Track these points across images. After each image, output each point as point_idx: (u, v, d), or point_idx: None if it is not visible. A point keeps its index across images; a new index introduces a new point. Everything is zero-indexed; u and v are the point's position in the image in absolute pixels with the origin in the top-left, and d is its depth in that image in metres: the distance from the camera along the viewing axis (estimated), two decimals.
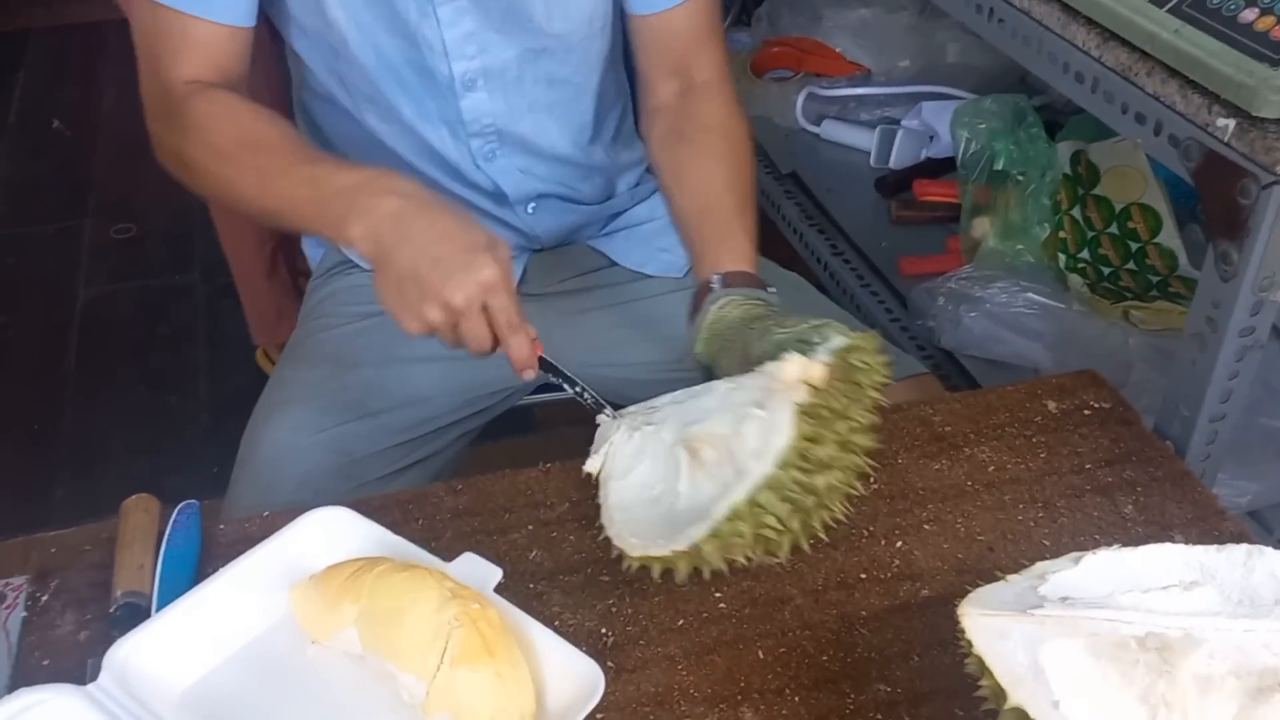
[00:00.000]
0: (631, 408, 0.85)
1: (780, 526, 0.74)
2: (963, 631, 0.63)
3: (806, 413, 0.74)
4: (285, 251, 2.01)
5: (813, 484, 0.74)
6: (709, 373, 0.90)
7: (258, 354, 2.22)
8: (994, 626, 0.62)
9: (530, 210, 1.14)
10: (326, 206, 0.88)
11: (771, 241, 1.27)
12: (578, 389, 0.89)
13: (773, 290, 0.94)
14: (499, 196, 1.12)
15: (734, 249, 0.96)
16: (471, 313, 0.83)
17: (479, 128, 1.06)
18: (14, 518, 1.93)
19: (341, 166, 0.91)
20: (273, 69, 1.23)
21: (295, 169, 0.91)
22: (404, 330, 0.86)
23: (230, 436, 2.11)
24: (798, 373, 0.77)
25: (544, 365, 0.88)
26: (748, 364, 0.83)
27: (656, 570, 0.77)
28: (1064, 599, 0.64)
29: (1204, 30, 0.87)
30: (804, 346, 0.80)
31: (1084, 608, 0.63)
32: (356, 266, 1.18)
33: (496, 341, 0.86)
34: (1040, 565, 0.68)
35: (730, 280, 0.93)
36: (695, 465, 0.78)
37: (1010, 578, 0.67)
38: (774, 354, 0.80)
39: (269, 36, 1.08)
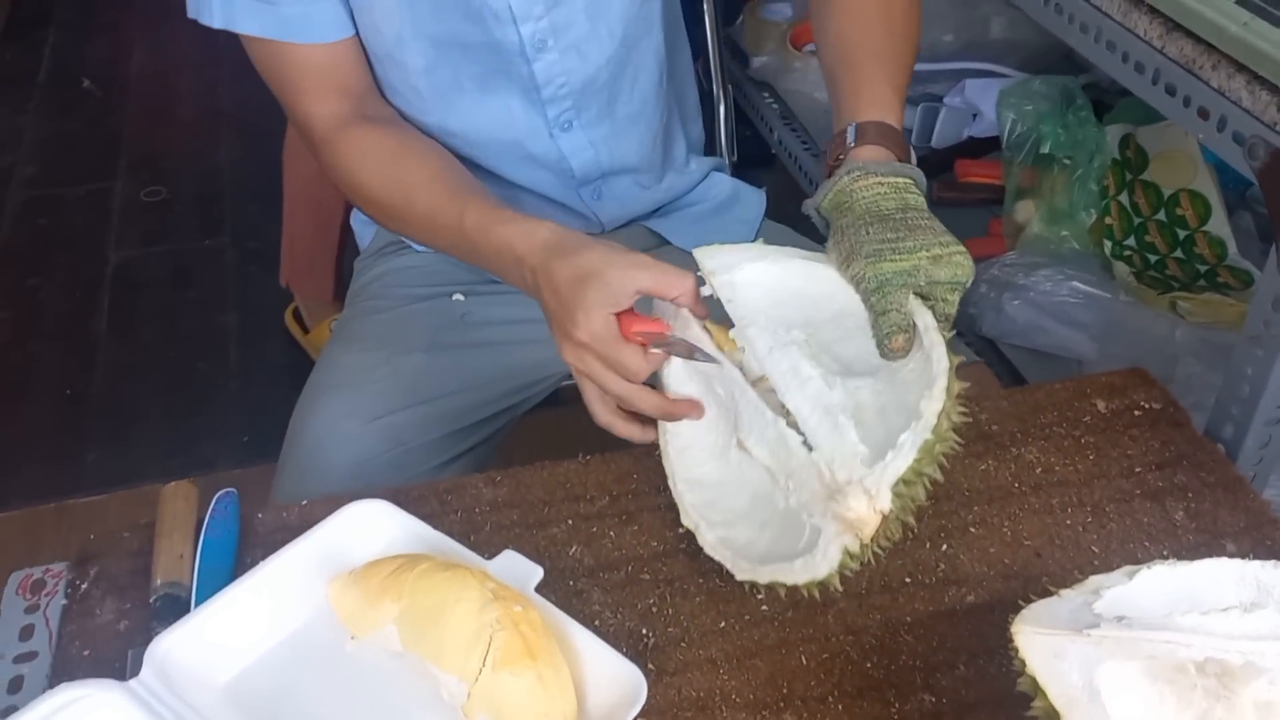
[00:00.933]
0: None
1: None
2: (1015, 649, 0.62)
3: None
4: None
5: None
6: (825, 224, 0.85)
7: (286, 315, 2.21)
8: (1049, 645, 0.61)
9: (595, 195, 1.13)
10: (479, 254, 0.92)
11: (810, 218, 1.25)
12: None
13: (915, 168, 0.86)
14: (566, 175, 1.10)
15: (873, 97, 0.87)
16: (584, 377, 0.83)
17: (553, 91, 1.04)
18: (47, 482, 1.94)
19: (492, 214, 0.90)
20: None
21: (449, 219, 0.93)
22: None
23: (259, 403, 2.14)
24: (861, 509, 0.70)
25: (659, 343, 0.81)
26: (849, 279, 0.79)
27: (782, 591, 0.74)
28: (1120, 618, 0.63)
29: (1275, 24, 0.84)
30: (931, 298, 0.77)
31: (1142, 629, 0.62)
32: (408, 247, 1.17)
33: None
34: (1094, 580, 0.67)
35: (864, 132, 0.85)
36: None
37: (1064, 593, 0.66)
38: (881, 292, 0.76)
39: None
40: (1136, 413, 0.93)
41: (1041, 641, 0.61)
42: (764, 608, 0.78)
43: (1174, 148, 1.45)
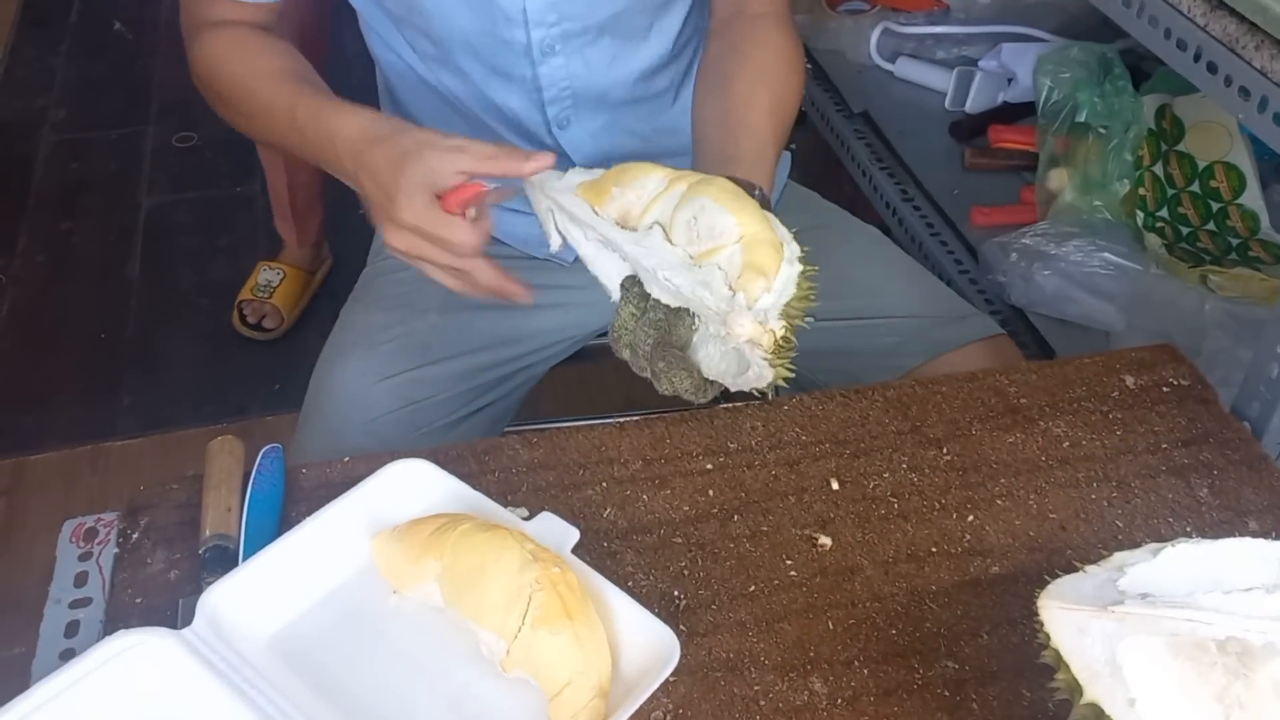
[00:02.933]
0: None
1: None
2: (1040, 622, 0.64)
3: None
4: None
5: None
6: None
7: None
8: (1073, 621, 0.63)
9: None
10: (306, 137, 0.91)
11: (838, 181, 1.26)
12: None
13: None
14: (564, 160, 1.11)
15: (766, 175, 0.91)
16: (414, 260, 0.85)
17: (555, 93, 1.05)
18: (81, 425, 1.98)
19: (324, 103, 0.91)
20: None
21: (284, 107, 0.93)
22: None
23: (289, 352, 2.17)
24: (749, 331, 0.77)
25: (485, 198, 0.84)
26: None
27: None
28: (1144, 595, 0.64)
29: None
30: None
31: (1165, 607, 0.63)
32: None
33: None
34: (1119, 556, 0.68)
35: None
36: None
37: (1089, 569, 0.67)
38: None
39: None
40: (1164, 389, 0.94)
41: (1066, 616, 0.63)
42: (792, 573, 0.80)
43: (1210, 119, 1.44)
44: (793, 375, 0.79)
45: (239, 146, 2.72)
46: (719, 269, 0.78)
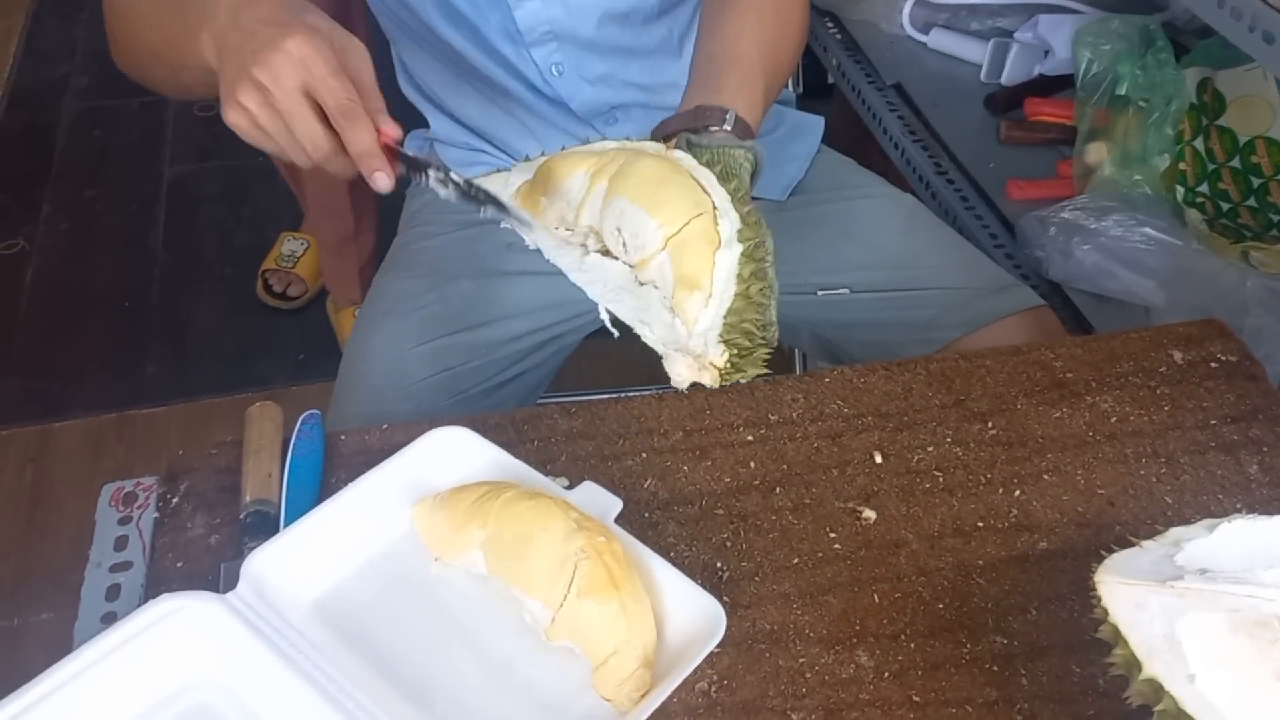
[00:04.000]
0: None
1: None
2: (1097, 597, 0.63)
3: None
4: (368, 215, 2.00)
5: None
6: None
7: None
8: (1131, 596, 0.62)
9: (612, 126, 1.12)
10: (188, 20, 0.78)
11: (868, 154, 1.25)
12: (442, 175, 0.75)
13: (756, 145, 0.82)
14: (565, 112, 1.10)
15: (748, 102, 0.85)
16: (282, 89, 0.70)
17: (537, 36, 1.04)
18: (107, 393, 1.98)
19: None
20: None
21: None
22: (228, 123, 0.74)
23: (314, 322, 2.16)
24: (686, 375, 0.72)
25: (402, 159, 0.74)
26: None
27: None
28: (1202, 571, 0.63)
29: None
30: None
31: (1224, 582, 0.62)
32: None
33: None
34: (1174, 532, 0.67)
35: (739, 128, 0.83)
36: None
37: (1144, 544, 0.66)
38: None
39: None
40: (1213, 365, 0.93)
41: (1124, 591, 0.62)
42: (836, 546, 0.79)
43: (1252, 93, 1.41)
44: (768, 372, 0.74)
45: None
46: (655, 288, 0.73)
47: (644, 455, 0.85)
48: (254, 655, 0.66)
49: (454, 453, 0.79)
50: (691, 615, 0.69)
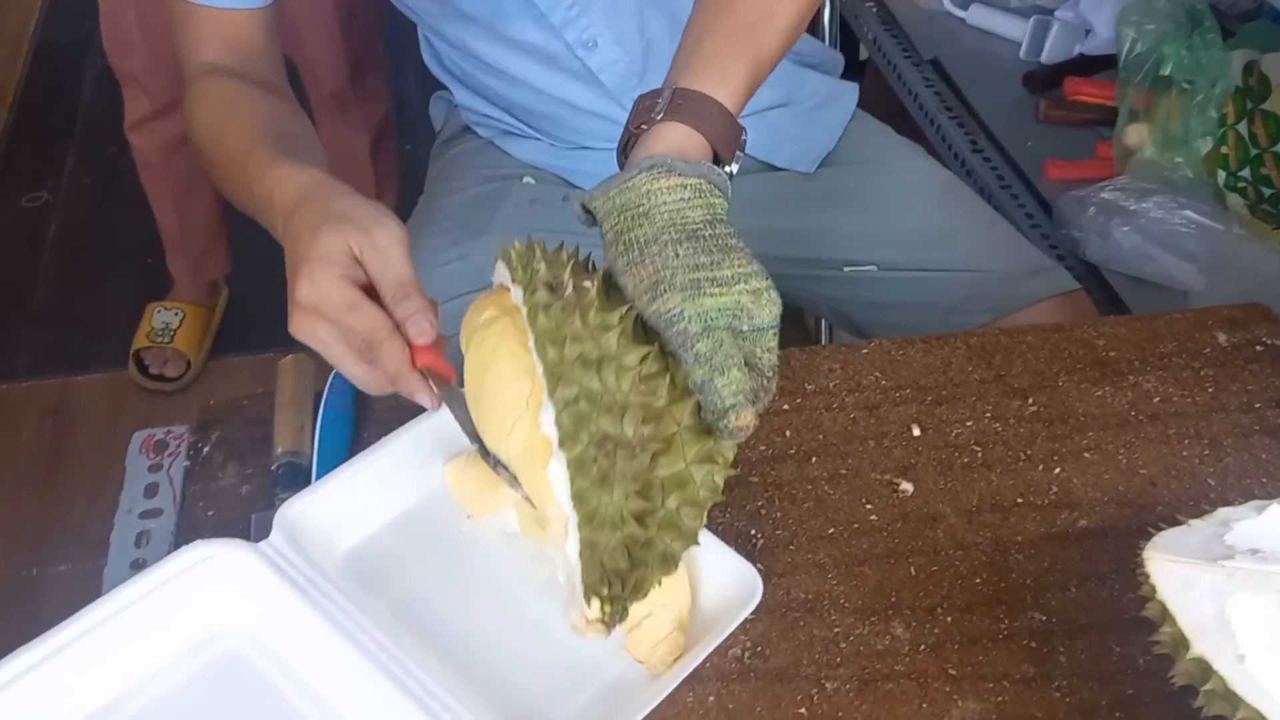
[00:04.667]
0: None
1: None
2: (1145, 575, 0.61)
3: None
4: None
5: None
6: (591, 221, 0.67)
7: None
8: (1180, 574, 0.61)
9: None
10: (254, 200, 0.77)
11: (902, 130, 1.22)
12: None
13: (728, 170, 0.69)
14: (602, 89, 1.08)
15: (718, 70, 0.70)
16: (321, 345, 0.67)
17: (562, 16, 1.02)
18: (128, 347, 1.97)
19: (274, 162, 0.76)
20: None
21: (242, 162, 0.79)
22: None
23: None
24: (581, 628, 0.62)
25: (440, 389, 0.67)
26: (655, 315, 0.60)
27: None
28: (1253, 551, 0.62)
29: None
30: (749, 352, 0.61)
31: (1275, 563, 0.61)
32: (474, 134, 1.17)
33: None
34: (1222, 512, 0.66)
35: (680, 105, 0.68)
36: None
37: (1193, 522, 0.65)
38: (708, 335, 0.59)
39: None
40: (1258, 348, 0.91)
41: (1173, 569, 0.61)
42: (873, 518, 0.78)
43: None
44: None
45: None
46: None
47: None
48: (286, 604, 0.65)
49: None
50: (727, 580, 0.68)
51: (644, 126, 0.69)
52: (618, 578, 0.57)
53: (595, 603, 0.59)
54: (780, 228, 1.11)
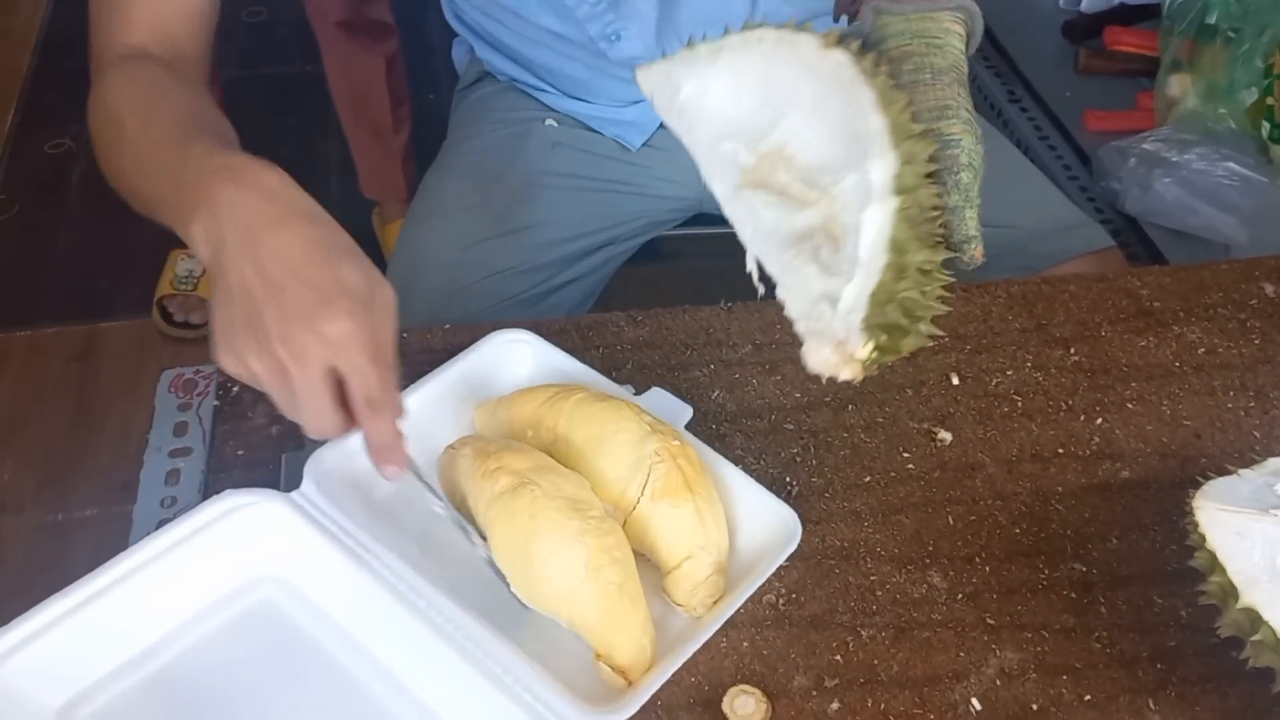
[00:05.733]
0: None
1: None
2: (1194, 523, 0.60)
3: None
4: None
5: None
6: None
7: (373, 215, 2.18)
8: (1231, 523, 0.59)
9: None
10: (184, 192, 0.64)
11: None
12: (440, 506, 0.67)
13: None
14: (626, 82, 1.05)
15: None
16: (307, 374, 0.58)
17: (587, 11, 0.99)
18: (154, 294, 1.97)
19: (220, 151, 0.66)
20: None
21: (173, 147, 0.69)
22: (217, 364, 0.61)
23: (359, 235, 2.12)
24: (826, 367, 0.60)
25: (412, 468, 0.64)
26: (932, 131, 0.62)
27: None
28: None
29: None
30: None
31: None
32: (494, 78, 1.16)
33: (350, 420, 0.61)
34: (1273, 462, 0.65)
35: None
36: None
37: (1242, 472, 0.64)
38: (971, 168, 0.62)
39: None
40: None
41: (1224, 518, 0.59)
42: (910, 466, 0.76)
43: None
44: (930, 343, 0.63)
45: (307, 24, 2.67)
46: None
47: (712, 367, 0.83)
48: (320, 553, 0.64)
49: (517, 356, 0.78)
50: (765, 524, 0.67)
51: None
52: (892, 329, 0.59)
53: (870, 344, 0.58)
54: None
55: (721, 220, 0.65)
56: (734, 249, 0.65)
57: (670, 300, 0.90)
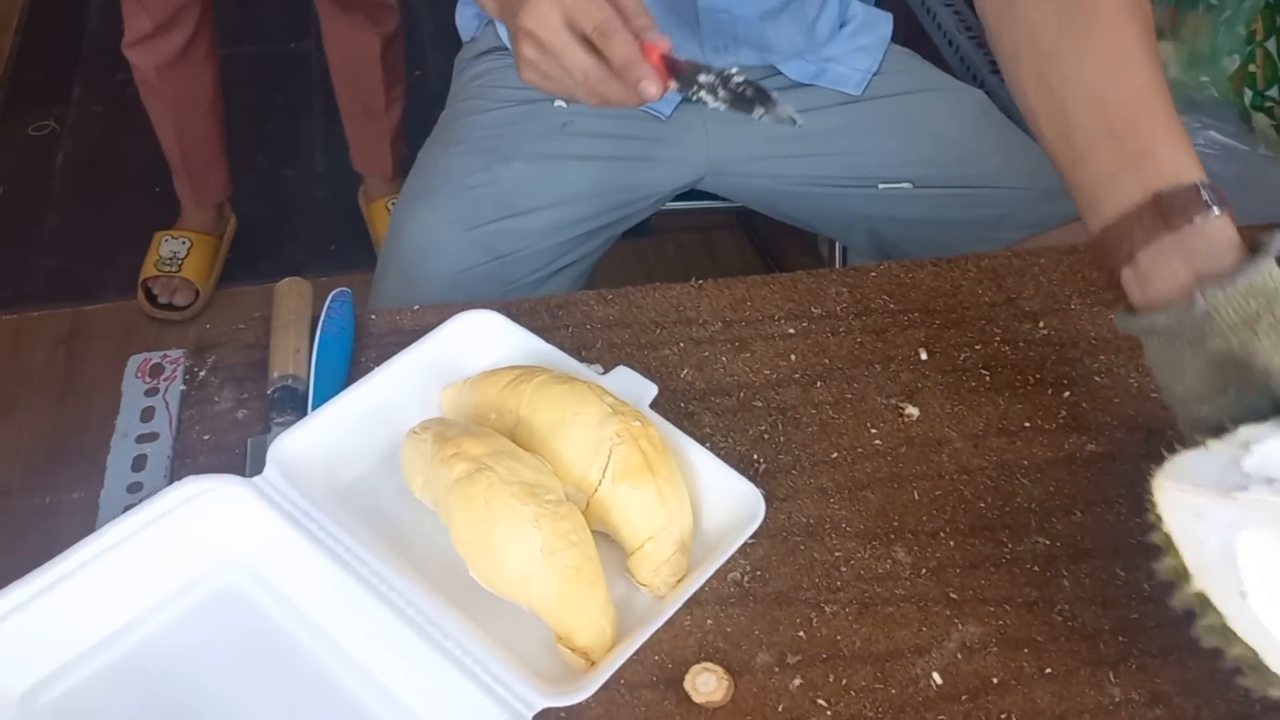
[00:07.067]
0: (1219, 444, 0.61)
1: None
2: (1153, 503, 0.60)
3: None
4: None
5: None
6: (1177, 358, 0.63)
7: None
8: (1190, 505, 0.59)
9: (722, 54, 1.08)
10: None
11: (923, 54, 1.19)
12: (713, 78, 0.73)
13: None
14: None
15: (1187, 153, 0.65)
16: (549, 31, 0.73)
17: (714, 28, 0.99)
18: (139, 276, 1.97)
19: None
20: None
21: None
22: (524, 81, 0.78)
23: (344, 213, 2.13)
24: None
25: (675, 71, 0.74)
26: None
27: None
28: (1269, 480, 0.60)
29: None
30: None
31: None
32: (507, 51, 1.14)
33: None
34: (1244, 431, 0.64)
35: (1213, 196, 0.64)
36: None
37: (1211, 444, 0.63)
38: None
39: None
40: None
41: (1183, 500, 0.59)
42: (877, 442, 0.77)
43: None
44: None
45: (295, 1, 2.65)
46: None
47: (682, 345, 0.83)
48: (283, 539, 0.64)
49: (485, 336, 0.77)
50: (729, 501, 0.68)
51: (1193, 219, 0.63)
52: None
53: None
54: (821, 150, 1.10)
55: (710, 195, 0.69)
56: (719, 223, 0.67)
57: (658, 272, 0.90)
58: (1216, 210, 0.63)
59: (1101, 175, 0.66)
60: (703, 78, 0.73)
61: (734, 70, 0.73)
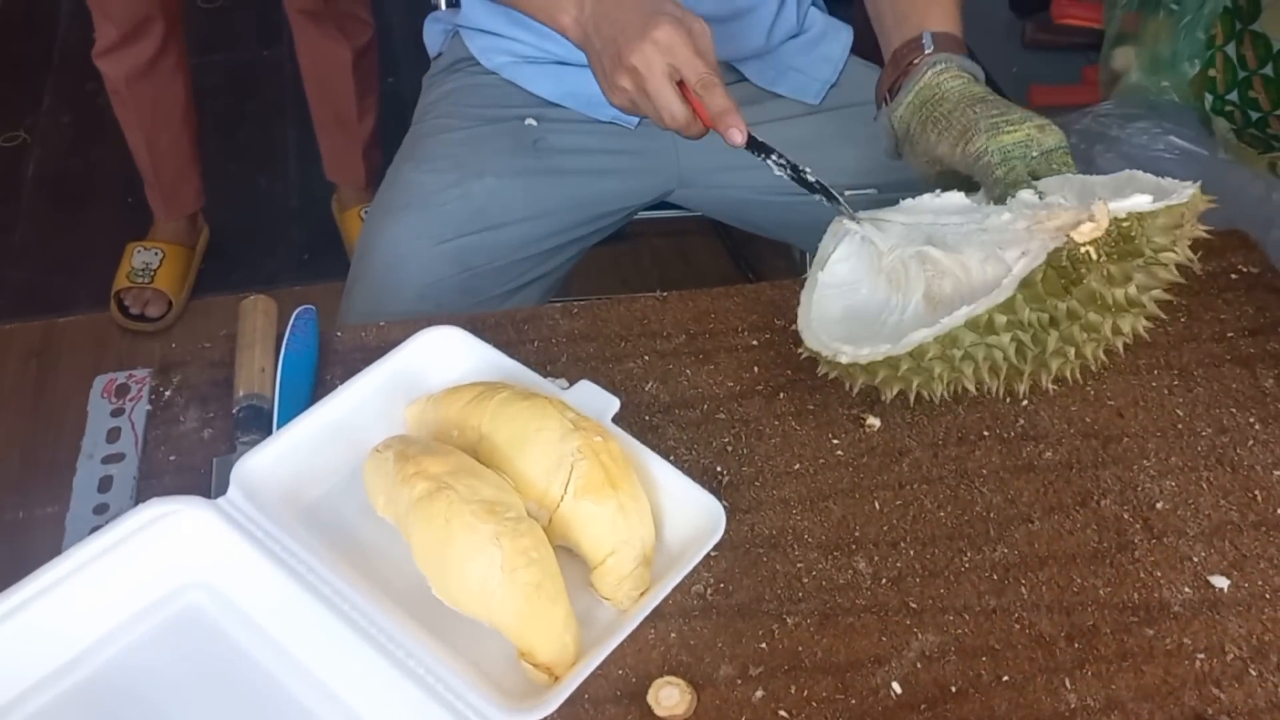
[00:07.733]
0: (863, 214, 0.82)
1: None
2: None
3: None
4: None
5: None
6: (896, 143, 0.87)
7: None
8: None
9: None
10: (548, 5, 0.89)
11: (882, 65, 1.21)
12: (799, 170, 0.84)
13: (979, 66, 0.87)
14: None
15: (943, 7, 0.89)
16: (653, 75, 0.82)
17: None
18: (110, 288, 1.96)
19: None
20: None
21: None
22: (612, 104, 0.87)
23: (317, 222, 2.13)
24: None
25: (752, 143, 0.84)
26: (965, 157, 0.80)
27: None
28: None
29: None
30: (1046, 169, 0.78)
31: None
32: (479, 64, 1.14)
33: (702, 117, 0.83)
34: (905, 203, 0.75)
35: (940, 42, 0.86)
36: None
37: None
38: (1005, 163, 0.78)
39: None
40: (1233, 276, 0.90)
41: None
42: (839, 453, 0.77)
43: None
44: None
45: (267, 9, 2.64)
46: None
47: (646, 358, 0.84)
48: (247, 560, 0.65)
49: (448, 352, 0.78)
50: (690, 514, 0.68)
51: (915, 61, 0.85)
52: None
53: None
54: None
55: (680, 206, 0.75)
56: (693, 228, 0.70)
57: (632, 278, 0.91)
58: (929, 49, 0.85)
59: (885, 34, 0.92)
60: (774, 158, 0.84)
61: (806, 170, 0.84)
